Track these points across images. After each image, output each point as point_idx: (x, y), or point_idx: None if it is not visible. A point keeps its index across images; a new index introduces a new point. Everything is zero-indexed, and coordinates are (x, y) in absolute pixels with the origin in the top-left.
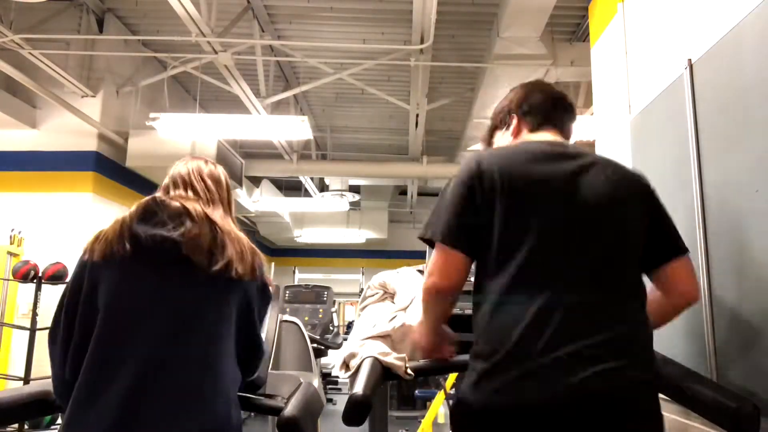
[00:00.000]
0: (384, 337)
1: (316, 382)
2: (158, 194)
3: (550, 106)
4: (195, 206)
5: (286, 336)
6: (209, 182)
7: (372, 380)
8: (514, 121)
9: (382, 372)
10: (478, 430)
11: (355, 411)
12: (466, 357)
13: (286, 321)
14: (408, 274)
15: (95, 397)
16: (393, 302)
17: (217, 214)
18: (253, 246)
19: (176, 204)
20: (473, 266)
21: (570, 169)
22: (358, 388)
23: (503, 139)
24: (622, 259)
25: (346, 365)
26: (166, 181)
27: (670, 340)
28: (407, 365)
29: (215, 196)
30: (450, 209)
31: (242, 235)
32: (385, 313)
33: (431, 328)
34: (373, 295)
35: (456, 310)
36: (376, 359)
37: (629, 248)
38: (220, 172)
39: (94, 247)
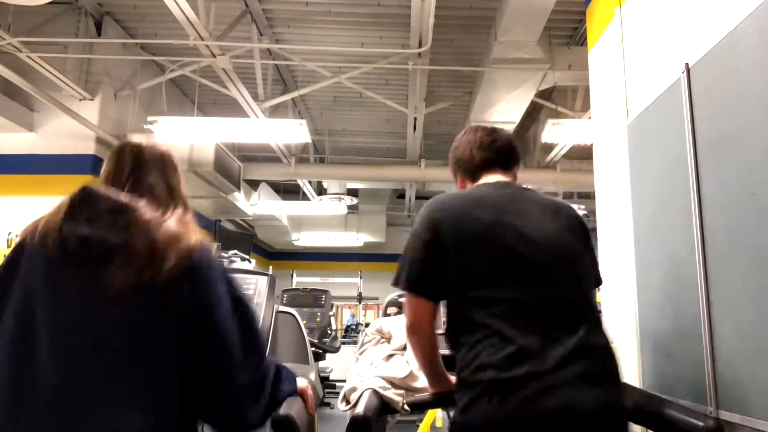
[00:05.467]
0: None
1: (313, 375)
2: (93, 186)
3: (493, 154)
4: (136, 206)
5: (282, 327)
6: (154, 170)
7: (371, 406)
8: (458, 178)
9: (381, 404)
10: None
11: (355, 430)
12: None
13: (282, 311)
14: (401, 320)
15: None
16: (389, 344)
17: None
18: (180, 232)
19: (113, 200)
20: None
21: (511, 208)
22: (359, 410)
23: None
24: (574, 284)
25: (346, 399)
26: (106, 167)
27: (667, 343)
28: (404, 401)
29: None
30: (411, 260)
31: (163, 223)
32: (381, 352)
33: (427, 365)
34: (370, 341)
35: (445, 351)
36: (375, 391)
37: (579, 273)
38: (163, 151)
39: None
